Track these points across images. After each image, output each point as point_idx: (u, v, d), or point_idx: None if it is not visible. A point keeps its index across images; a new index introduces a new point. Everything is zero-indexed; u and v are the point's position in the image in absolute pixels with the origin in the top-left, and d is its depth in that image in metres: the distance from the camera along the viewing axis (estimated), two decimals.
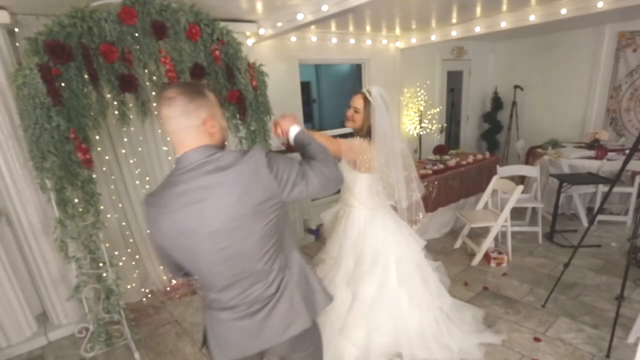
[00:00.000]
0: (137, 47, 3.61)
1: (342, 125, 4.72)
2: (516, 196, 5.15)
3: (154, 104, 4.70)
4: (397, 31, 7.56)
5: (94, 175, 3.71)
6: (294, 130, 2.27)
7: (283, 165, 1.83)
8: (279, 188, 1.79)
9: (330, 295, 2.17)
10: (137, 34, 3.58)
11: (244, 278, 1.89)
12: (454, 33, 6.98)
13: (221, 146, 1.90)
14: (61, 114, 3.31)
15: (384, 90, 3.24)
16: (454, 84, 9.83)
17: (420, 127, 8.63)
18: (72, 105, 3.38)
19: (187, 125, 1.76)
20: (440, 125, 9.32)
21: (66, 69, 3.31)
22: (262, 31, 5.33)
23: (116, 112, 3.82)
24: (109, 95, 3.74)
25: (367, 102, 3.19)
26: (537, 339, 3.82)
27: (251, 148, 1.81)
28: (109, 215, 4.71)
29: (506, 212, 5.24)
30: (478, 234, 6.19)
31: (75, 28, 3.29)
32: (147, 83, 4.10)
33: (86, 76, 3.45)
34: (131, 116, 4.14)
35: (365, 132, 3.23)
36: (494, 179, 5.71)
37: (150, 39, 3.67)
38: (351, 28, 6.85)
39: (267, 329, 1.94)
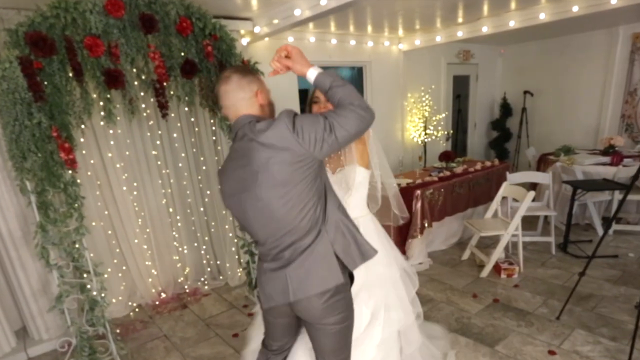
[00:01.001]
0: (124, 41, 3.58)
1: None
2: (527, 202, 5.11)
3: (143, 105, 4.71)
4: (400, 32, 7.58)
5: (79, 181, 3.67)
6: (312, 73, 2.17)
7: (308, 124, 2.02)
8: (308, 148, 2.03)
9: (371, 249, 2.35)
10: (124, 27, 3.56)
11: (284, 234, 2.18)
12: (459, 34, 7.00)
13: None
14: (43, 111, 3.27)
15: None
16: (460, 89, 9.85)
17: (425, 134, 8.62)
18: (54, 101, 3.34)
19: (240, 97, 2.20)
20: (446, 132, 9.31)
21: (48, 62, 3.27)
22: (257, 29, 5.33)
23: (102, 113, 3.79)
24: (94, 95, 3.71)
25: None
26: (551, 352, 3.75)
27: (280, 114, 2.10)
28: (93, 223, 4.66)
29: (517, 220, 5.20)
30: (487, 245, 6.14)
31: (58, 19, 3.26)
32: (135, 83, 4.09)
33: (70, 72, 3.43)
34: (118, 117, 4.13)
35: None
36: (504, 185, 5.67)
37: (139, 33, 3.64)
38: (352, 28, 6.86)
39: (300, 281, 2.20)
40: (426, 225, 5.74)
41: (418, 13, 6.05)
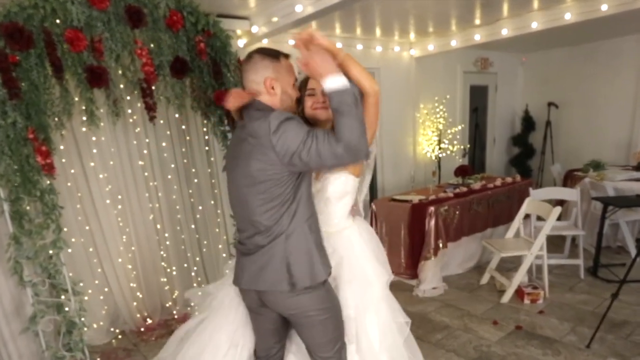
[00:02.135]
0: (109, 35, 3.60)
1: None
2: (553, 219, 5.08)
3: (129, 111, 4.71)
4: (412, 36, 7.62)
5: (58, 192, 3.65)
6: (332, 82, 2.15)
7: (291, 133, 2.18)
8: (278, 156, 2.20)
9: (322, 272, 2.45)
10: (109, 20, 3.58)
11: (248, 223, 2.45)
12: (477, 37, 7.01)
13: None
14: (18, 110, 3.28)
15: None
16: (477, 101, 9.85)
17: (439, 149, 8.60)
18: (31, 100, 3.35)
19: (251, 79, 2.41)
20: (462, 147, 9.28)
21: (25, 56, 3.29)
22: (255, 29, 5.36)
23: (84, 118, 3.79)
24: (76, 99, 3.72)
25: None
26: None
27: (274, 112, 2.25)
28: (73, 239, 4.61)
29: (541, 239, 5.16)
30: (508, 269, 6.07)
31: (36, 10, 3.28)
32: (122, 86, 4.09)
33: (49, 68, 3.44)
34: (102, 123, 4.12)
35: None
36: (527, 200, 5.65)
37: (125, 27, 3.66)
38: (358, 31, 6.89)
39: (252, 274, 2.45)
40: (440, 245, 5.69)
41: (432, 13, 6.07)
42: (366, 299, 2.80)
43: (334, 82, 2.14)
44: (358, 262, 2.86)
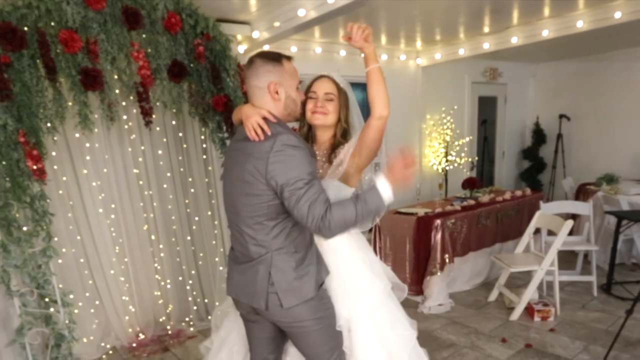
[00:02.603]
0: (105, 37, 3.62)
1: None
2: (565, 233, 5.06)
3: (124, 117, 4.71)
4: (419, 44, 7.65)
5: (49, 199, 3.65)
6: (384, 188, 2.27)
7: (289, 162, 2.23)
8: (267, 174, 2.24)
9: (293, 298, 2.43)
10: (105, 22, 3.59)
11: (239, 233, 2.51)
12: (486, 45, 7.03)
13: (286, 116, 2.51)
14: (9, 112, 3.29)
15: None
16: (486, 113, 9.88)
17: (447, 161, 8.60)
18: (23, 101, 3.36)
19: (254, 85, 2.43)
20: (470, 160, 9.28)
21: (18, 57, 3.31)
22: (256, 34, 5.37)
23: (78, 122, 3.79)
24: (70, 103, 3.73)
25: (339, 88, 2.85)
26: None
27: (282, 134, 2.28)
28: (64, 250, 4.59)
29: (552, 253, 5.14)
30: (518, 285, 6.04)
31: (30, 10, 3.31)
32: (117, 91, 4.10)
33: (42, 69, 3.45)
34: (96, 130, 4.12)
35: (341, 131, 2.87)
36: (537, 214, 5.63)
37: (121, 29, 3.69)
38: None
39: (237, 285, 2.57)
40: (447, 260, 5.66)
41: (439, 19, 6.09)
42: (359, 309, 2.79)
43: (385, 189, 2.27)
44: (348, 273, 2.85)
